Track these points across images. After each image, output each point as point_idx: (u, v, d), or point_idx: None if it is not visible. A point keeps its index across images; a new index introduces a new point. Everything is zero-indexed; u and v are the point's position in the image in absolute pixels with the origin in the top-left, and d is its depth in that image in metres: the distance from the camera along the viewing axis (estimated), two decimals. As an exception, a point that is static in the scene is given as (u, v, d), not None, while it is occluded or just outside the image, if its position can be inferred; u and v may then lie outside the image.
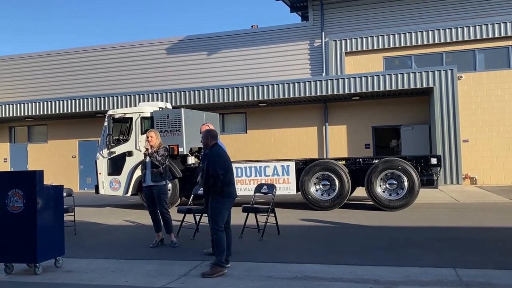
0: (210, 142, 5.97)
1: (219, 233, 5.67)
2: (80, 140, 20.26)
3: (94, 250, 7.31)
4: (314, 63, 19.04)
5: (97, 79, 21.41)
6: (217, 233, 5.68)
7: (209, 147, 5.95)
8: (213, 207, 5.74)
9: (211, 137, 6.00)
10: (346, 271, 5.48)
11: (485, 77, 16.90)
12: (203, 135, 6.07)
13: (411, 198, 10.54)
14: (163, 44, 20.84)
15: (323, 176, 11.09)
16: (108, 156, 12.50)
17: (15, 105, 19.43)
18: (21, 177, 6.08)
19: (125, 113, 12.77)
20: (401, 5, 18.35)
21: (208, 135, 6.01)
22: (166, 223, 7.44)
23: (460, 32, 17.15)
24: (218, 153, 5.82)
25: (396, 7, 18.41)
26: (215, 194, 5.70)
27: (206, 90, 17.31)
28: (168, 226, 7.45)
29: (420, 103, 16.92)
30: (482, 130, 16.62)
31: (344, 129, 17.64)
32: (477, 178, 16.51)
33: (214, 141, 5.98)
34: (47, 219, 5.86)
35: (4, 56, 23.26)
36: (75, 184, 19.74)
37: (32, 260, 5.77)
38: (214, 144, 5.96)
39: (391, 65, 18.09)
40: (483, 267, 5.52)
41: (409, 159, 11.07)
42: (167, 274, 5.62)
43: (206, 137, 6.00)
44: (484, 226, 8.46)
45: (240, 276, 5.44)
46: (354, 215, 10.25)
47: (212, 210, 5.75)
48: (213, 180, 5.66)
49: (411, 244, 7.03)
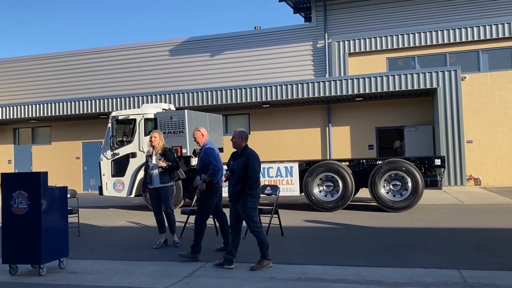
0: (243, 143, 5.99)
1: (258, 230, 5.85)
2: (83, 142, 20.31)
3: (98, 251, 7.33)
4: (317, 64, 19.03)
5: (101, 80, 21.48)
6: (257, 230, 5.84)
7: (241, 148, 5.97)
8: (248, 207, 5.83)
9: (245, 137, 6.03)
10: (350, 272, 5.47)
11: (489, 77, 16.84)
12: (237, 135, 5.99)
13: (415, 199, 10.51)
14: (166, 45, 20.89)
15: (327, 177, 11.08)
16: (111, 157, 12.52)
17: (19, 106, 19.51)
18: (25, 178, 6.10)
19: (128, 114, 12.80)
20: (405, 6, 18.33)
21: (242, 135, 6.00)
22: (171, 223, 7.47)
23: (464, 32, 17.10)
24: (256, 154, 5.93)
25: (399, 8, 18.39)
26: (247, 195, 5.79)
27: (210, 92, 17.33)
28: (172, 226, 7.47)
29: (424, 104, 16.88)
30: (486, 131, 16.56)
31: (347, 130, 17.62)
32: (481, 179, 16.44)
33: (246, 142, 6.02)
34: (51, 221, 5.88)
35: (8, 58, 23.37)
36: (79, 186, 19.79)
37: (37, 261, 5.78)
38: (245, 146, 6.00)
39: (394, 66, 18.06)
40: (488, 268, 5.50)
41: (413, 160, 11.04)
42: (171, 275, 5.62)
43: (239, 137, 5.98)
44: (489, 227, 8.43)
45: (244, 277, 5.44)
46: (358, 216, 10.23)
47: (246, 210, 5.83)
48: (251, 182, 5.78)
49: (415, 245, 7.00)
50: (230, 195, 6.02)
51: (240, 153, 5.96)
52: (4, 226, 5.88)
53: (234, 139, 6.02)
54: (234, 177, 5.90)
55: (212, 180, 6.51)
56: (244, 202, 5.82)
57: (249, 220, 5.85)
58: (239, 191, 5.82)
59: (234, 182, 5.89)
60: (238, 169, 5.86)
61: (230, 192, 5.99)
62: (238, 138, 5.98)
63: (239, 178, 5.83)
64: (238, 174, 5.85)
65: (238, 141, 5.99)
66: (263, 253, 5.79)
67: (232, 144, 6.04)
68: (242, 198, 5.82)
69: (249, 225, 5.88)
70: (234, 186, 5.89)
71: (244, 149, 5.97)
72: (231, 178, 5.95)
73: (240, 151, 5.98)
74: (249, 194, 5.80)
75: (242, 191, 5.80)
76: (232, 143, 6.04)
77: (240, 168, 5.82)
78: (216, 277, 5.50)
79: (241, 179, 5.81)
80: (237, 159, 5.95)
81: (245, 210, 5.83)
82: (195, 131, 7.00)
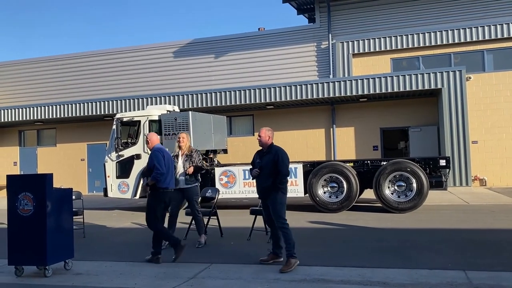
0: (269, 140, 6.13)
1: (286, 227, 5.90)
2: (88, 144, 20.38)
3: (103, 252, 7.35)
4: (321, 65, 19.02)
5: (105, 82, 21.56)
6: (284, 227, 5.90)
7: (268, 145, 6.08)
8: (278, 203, 5.93)
9: (271, 135, 6.18)
10: (354, 274, 5.46)
11: (494, 78, 16.76)
12: (264, 133, 6.09)
13: (420, 200, 10.47)
14: (170, 47, 20.95)
15: (331, 178, 11.06)
16: (116, 159, 12.56)
17: (24, 109, 19.61)
18: (31, 180, 6.15)
19: (133, 116, 12.84)
20: (408, 6, 18.28)
21: (268, 133, 6.13)
22: (198, 224, 7.56)
23: (468, 32, 17.03)
24: (284, 151, 6.06)
25: (403, 8, 18.34)
26: (278, 190, 5.89)
27: (214, 93, 17.35)
28: (200, 227, 7.55)
29: (428, 104, 16.82)
30: (491, 131, 16.48)
31: (351, 131, 17.58)
32: (487, 179, 16.36)
33: (272, 139, 6.16)
34: (56, 222, 5.91)
35: (13, 61, 23.51)
36: (84, 187, 19.85)
37: (42, 263, 5.81)
38: (272, 143, 6.12)
39: (398, 67, 18.01)
40: (493, 269, 5.47)
41: (417, 160, 11.00)
42: (176, 277, 5.63)
43: (266, 135, 6.10)
44: (494, 228, 8.39)
45: (248, 279, 5.44)
46: (362, 217, 10.20)
47: (277, 206, 5.92)
48: (282, 177, 5.89)
49: (420, 246, 6.98)
50: (260, 191, 6.14)
51: (267, 150, 6.08)
52: (10, 227, 5.92)
53: (260, 137, 6.14)
54: (264, 174, 5.99)
55: (157, 184, 6.45)
56: (275, 198, 5.92)
57: (277, 215, 5.93)
58: (270, 187, 5.92)
59: (263, 179, 6.00)
60: (267, 165, 5.97)
61: (260, 188, 6.10)
62: (265, 136, 6.12)
63: (269, 174, 5.94)
64: (268, 171, 5.95)
65: (265, 139, 6.11)
66: (289, 250, 5.79)
67: (259, 142, 6.16)
68: (273, 193, 5.92)
69: (277, 221, 5.96)
70: (264, 182, 6.00)
71: (271, 146, 6.09)
72: (260, 175, 6.03)
73: (266, 149, 6.10)
74: (279, 189, 5.91)
75: (273, 187, 5.89)
76: (259, 141, 6.15)
77: (269, 164, 5.94)
78: (220, 278, 5.50)
79: (271, 175, 5.92)
80: (264, 156, 6.08)
81: (275, 206, 5.95)
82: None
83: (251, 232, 7.92)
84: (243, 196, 11.87)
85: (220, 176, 11.94)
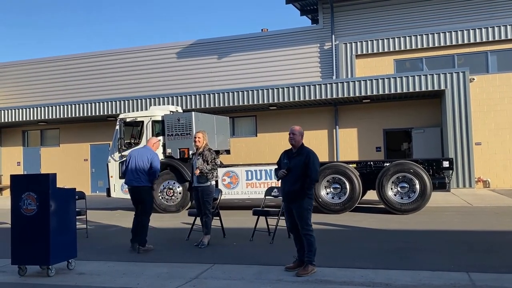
0: (301, 140, 5.84)
1: (312, 234, 5.64)
2: (92, 144, 20.43)
3: (106, 252, 7.36)
4: (325, 66, 19.01)
5: (109, 83, 21.61)
6: (309, 234, 5.62)
7: (299, 146, 5.78)
8: (305, 209, 5.62)
9: (303, 135, 5.88)
10: (357, 275, 5.45)
11: (497, 79, 16.71)
12: (298, 132, 5.78)
13: (423, 201, 10.45)
14: (173, 48, 20.98)
15: (334, 179, 11.05)
16: (119, 159, 12.59)
17: (28, 109, 19.67)
18: (34, 180, 6.15)
19: (136, 116, 12.87)
20: (412, 8, 18.26)
21: (301, 132, 5.84)
22: (205, 224, 7.57)
23: (472, 34, 16.99)
24: (315, 154, 5.76)
25: (406, 9, 18.33)
26: (305, 195, 5.59)
27: (217, 94, 17.36)
28: (207, 228, 7.55)
29: (432, 105, 16.78)
30: (495, 132, 16.43)
31: (354, 132, 17.57)
32: (490, 181, 16.31)
33: (302, 140, 5.88)
34: (60, 222, 5.92)
35: (16, 61, 23.59)
36: (87, 187, 19.90)
37: (45, 262, 5.82)
38: (302, 144, 5.84)
39: (402, 68, 17.99)
40: (497, 271, 5.45)
41: (420, 162, 10.98)
42: (178, 277, 5.64)
43: (300, 134, 5.79)
44: (498, 229, 8.36)
45: (251, 280, 5.44)
46: (365, 218, 10.18)
47: (304, 212, 5.62)
48: (311, 182, 5.59)
49: (423, 248, 6.97)
50: (285, 194, 5.79)
51: (298, 151, 5.74)
52: (13, 227, 5.94)
53: (294, 135, 5.78)
54: (292, 176, 5.65)
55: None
56: (301, 203, 5.60)
57: (303, 222, 5.63)
58: (297, 191, 5.60)
59: (292, 181, 5.65)
60: (296, 168, 5.63)
61: (286, 191, 5.75)
62: (299, 135, 5.79)
63: (298, 177, 5.60)
64: (296, 173, 5.62)
65: (299, 138, 5.79)
66: (310, 257, 5.58)
67: (291, 141, 5.79)
68: (299, 198, 5.60)
69: (302, 227, 5.65)
70: (291, 185, 5.66)
71: (302, 148, 5.78)
72: (288, 176, 5.69)
73: (297, 149, 5.77)
74: (307, 195, 5.59)
75: (301, 191, 5.58)
76: (291, 139, 5.79)
77: (299, 167, 5.61)
78: (223, 279, 5.50)
79: (300, 178, 5.59)
80: (294, 157, 5.73)
81: (301, 212, 5.62)
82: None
83: (253, 233, 7.92)
84: (245, 196, 11.87)
85: (222, 176, 11.95)
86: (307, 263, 5.60)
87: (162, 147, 12.53)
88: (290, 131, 5.85)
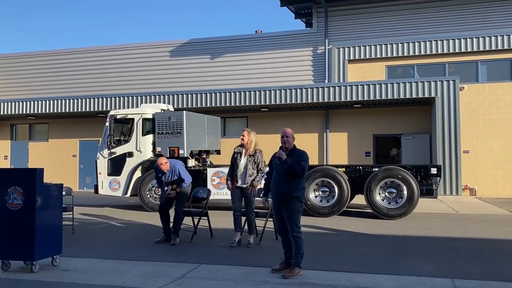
0: (293, 142, 5.89)
1: (301, 236, 5.67)
2: (81, 140, 20.28)
3: (92, 249, 7.31)
4: (317, 70, 19.07)
5: (100, 79, 21.46)
6: (299, 236, 5.65)
7: (291, 148, 5.83)
8: (296, 211, 5.68)
9: (294, 137, 5.93)
10: (343, 278, 5.47)
11: (487, 88, 16.91)
12: (290, 134, 5.82)
13: (410, 207, 10.53)
14: (166, 46, 20.91)
15: (323, 182, 11.09)
16: (108, 156, 12.52)
17: (17, 102, 19.46)
18: (21, 174, 6.10)
19: (127, 114, 12.81)
20: (405, 15, 18.40)
21: (293, 134, 5.89)
22: (249, 223, 7.57)
23: (463, 43, 17.18)
24: (307, 155, 5.81)
25: (400, 17, 18.46)
26: (295, 198, 5.66)
27: (208, 94, 17.34)
28: (251, 227, 7.56)
29: (422, 112, 16.93)
30: (483, 141, 16.61)
31: (345, 136, 17.65)
32: (477, 189, 16.48)
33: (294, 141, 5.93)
34: (45, 218, 5.86)
35: (7, 54, 23.33)
36: (75, 183, 19.74)
37: (29, 258, 5.76)
38: (294, 145, 5.89)
39: (393, 74, 18.12)
40: (481, 278, 5.51)
41: (409, 168, 11.06)
42: (164, 276, 5.61)
43: (292, 136, 5.85)
44: (483, 237, 8.45)
45: (237, 281, 5.43)
46: (353, 222, 10.23)
47: (294, 214, 5.66)
48: (297, 170, 5.59)
49: (409, 253, 7.02)
50: (277, 196, 5.78)
51: (290, 153, 5.77)
52: (-2, 221, 5.86)
53: (288, 138, 5.82)
54: (284, 178, 5.68)
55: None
56: (292, 205, 5.67)
57: (293, 224, 5.65)
58: (289, 193, 5.65)
59: (284, 183, 5.69)
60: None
61: (279, 193, 5.76)
62: (291, 138, 5.85)
63: (291, 179, 5.65)
64: (288, 175, 5.65)
65: (291, 140, 5.85)
66: (297, 260, 5.60)
67: (285, 143, 5.82)
68: (291, 201, 5.66)
69: (291, 229, 5.66)
70: (284, 187, 5.69)
71: (294, 149, 5.83)
72: (281, 178, 5.72)
73: (289, 151, 5.79)
74: (298, 197, 5.69)
75: (292, 194, 5.65)
76: (285, 142, 5.81)
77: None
78: (209, 279, 5.49)
79: (292, 180, 5.64)
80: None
81: (292, 214, 5.66)
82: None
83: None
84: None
85: (212, 177, 11.94)
86: (294, 265, 5.61)
87: (151, 145, 12.49)
88: (283, 133, 5.87)
